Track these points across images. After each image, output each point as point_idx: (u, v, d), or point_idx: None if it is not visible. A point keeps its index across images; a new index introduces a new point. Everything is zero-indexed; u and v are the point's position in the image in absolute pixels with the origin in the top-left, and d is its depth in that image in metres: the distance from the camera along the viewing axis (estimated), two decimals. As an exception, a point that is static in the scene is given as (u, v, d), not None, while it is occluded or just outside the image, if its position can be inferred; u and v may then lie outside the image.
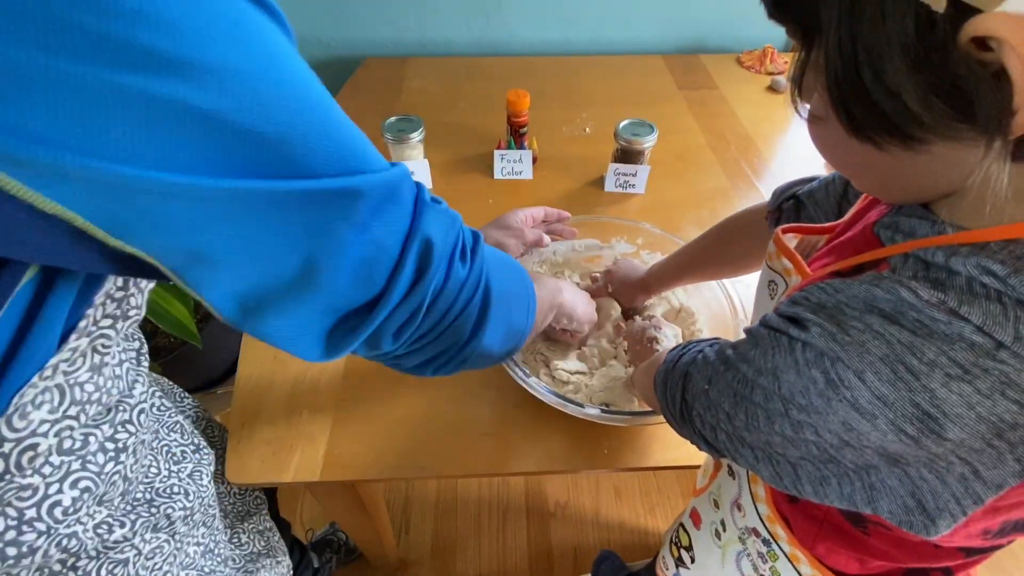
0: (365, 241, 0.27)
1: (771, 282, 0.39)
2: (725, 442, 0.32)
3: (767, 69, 1.35)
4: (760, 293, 0.42)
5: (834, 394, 0.26)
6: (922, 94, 0.22)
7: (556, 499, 1.27)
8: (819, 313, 0.27)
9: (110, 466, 0.35)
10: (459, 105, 1.20)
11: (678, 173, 1.03)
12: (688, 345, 0.40)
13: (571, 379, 0.64)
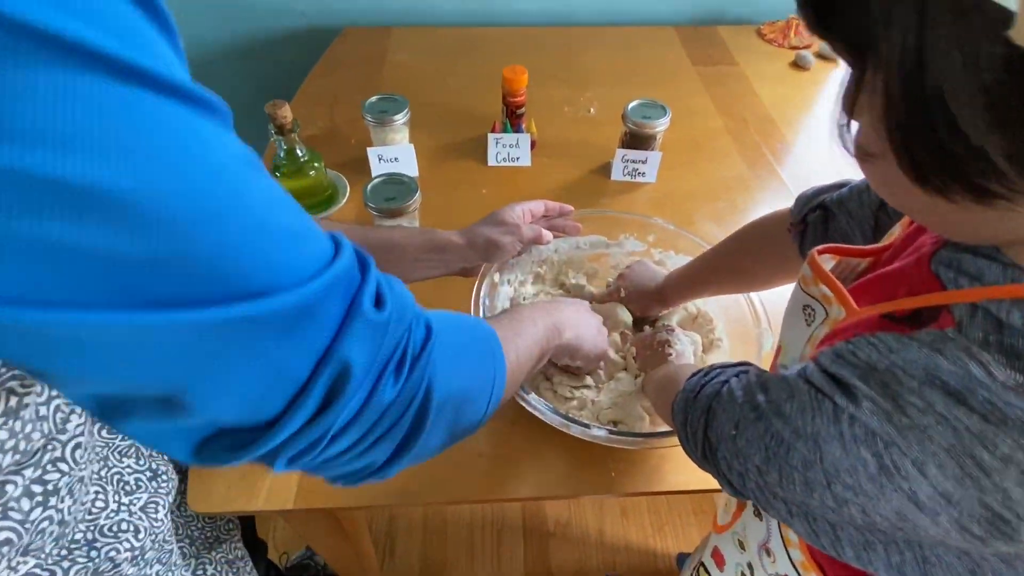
0: (261, 365, 0.25)
1: (807, 307, 0.38)
2: (754, 491, 0.31)
3: (791, 43, 1.34)
4: (792, 316, 0.40)
5: (888, 481, 0.25)
6: (1010, 148, 0.20)
7: (556, 518, 1.28)
8: (870, 380, 0.26)
9: (37, 512, 0.34)
10: (449, 83, 1.18)
11: (693, 160, 1.02)
12: (710, 372, 0.38)
13: (575, 395, 0.63)
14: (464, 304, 0.65)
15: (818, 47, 1.32)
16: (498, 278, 0.69)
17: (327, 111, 1.09)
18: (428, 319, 0.34)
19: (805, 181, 0.99)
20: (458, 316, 0.39)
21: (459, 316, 0.39)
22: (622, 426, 0.60)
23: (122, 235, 0.19)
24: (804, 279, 0.38)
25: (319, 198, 0.86)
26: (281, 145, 0.79)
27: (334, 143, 1.02)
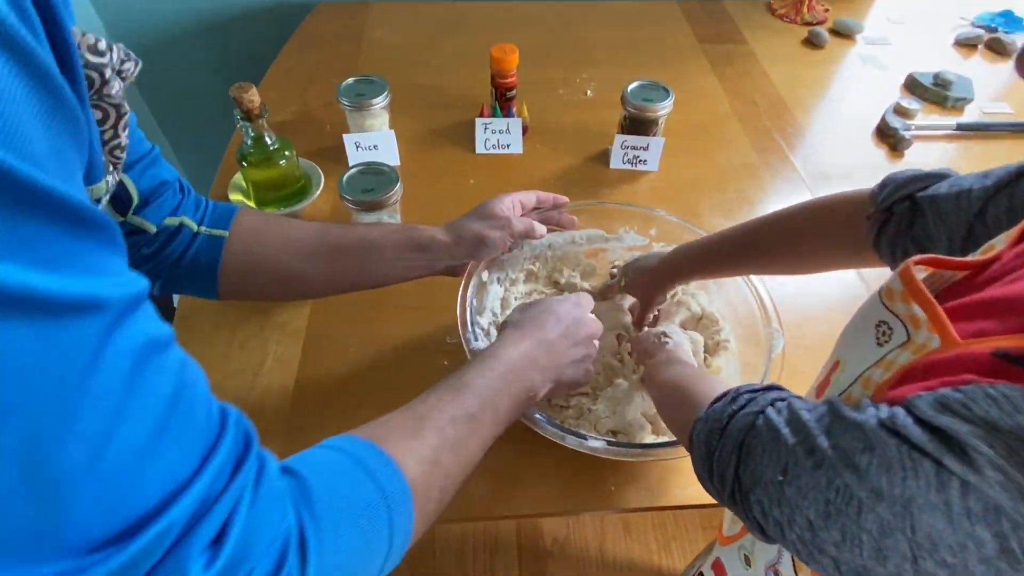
0: None
1: (883, 324, 0.36)
2: (796, 543, 0.30)
3: (804, 18, 1.34)
4: (859, 330, 0.38)
5: (1011, 566, 0.23)
6: None
7: (554, 535, 1.27)
8: (994, 442, 0.23)
9: None
10: (432, 63, 1.17)
11: (698, 146, 1.02)
12: (738, 398, 0.36)
13: (571, 403, 0.63)
14: (450, 305, 0.64)
15: (833, 23, 1.32)
16: (487, 276, 0.69)
17: (299, 95, 1.08)
18: (303, 530, 0.29)
19: (819, 169, 1.00)
20: (351, 497, 0.33)
21: (352, 497, 0.33)
22: (621, 436, 0.60)
23: None
24: (889, 292, 0.35)
25: (290, 190, 0.85)
26: (248, 132, 0.78)
27: (307, 130, 1.01)
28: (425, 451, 0.38)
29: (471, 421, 0.43)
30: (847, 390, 0.36)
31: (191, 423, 0.25)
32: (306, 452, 0.35)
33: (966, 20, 1.38)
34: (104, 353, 0.21)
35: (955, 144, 1.06)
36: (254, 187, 0.83)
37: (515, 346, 0.50)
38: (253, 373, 0.69)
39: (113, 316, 0.21)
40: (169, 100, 1.47)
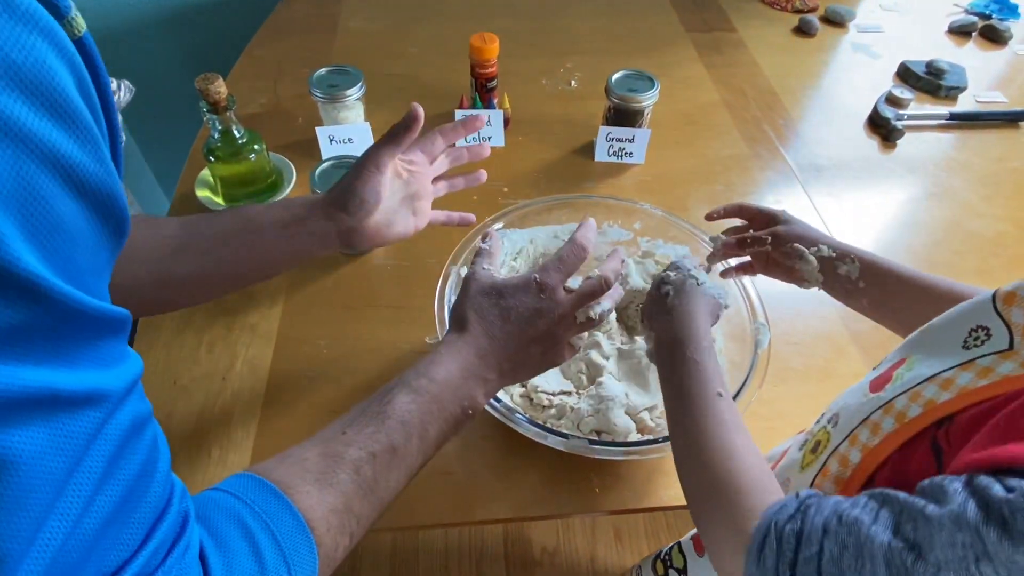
0: None
1: (982, 327, 0.35)
2: None
3: (795, 6, 1.36)
4: (946, 330, 0.38)
5: None
6: None
7: (543, 544, 1.28)
8: None
9: None
10: (409, 52, 1.18)
11: (686, 138, 1.04)
12: (797, 512, 0.34)
13: (553, 402, 0.64)
14: (428, 304, 0.65)
15: (824, 10, 1.35)
16: (464, 272, 0.69)
17: (269, 86, 1.08)
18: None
19: (810, 161, 1.02)
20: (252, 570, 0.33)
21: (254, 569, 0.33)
22: (605, 436, 0.61)
23: None
24: (1010, 297, 0.35)
25: (260, 186, 0.86)
26: (215, 125, 0.78)
27: (278, 122, 1.01)
28: (336, 501, 0.38)
29: (394, 454, 0.42)
30: (916, 388, 0.37)
31: (148, 496, 0.28)
32: (213, 503, 0.35)
33: (960, 7, 1.41)
34: (98, 438, 0.24)
35: (948, 134, 1.09)
36: (222, 183, 0.84)
37: (452, 358, 0.47)
38: (222, 377, 0.70)
39: (113, 404, 0.25)
40: (137, 97, 1.46)
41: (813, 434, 0.45)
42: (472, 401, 0.47)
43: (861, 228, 0.92)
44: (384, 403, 0.44)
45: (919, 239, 0.91)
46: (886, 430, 0.37)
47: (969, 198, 0.97)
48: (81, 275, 0.23)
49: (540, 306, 0.49)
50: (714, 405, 0.44)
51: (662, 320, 0.53)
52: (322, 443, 0.41)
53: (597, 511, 0.63)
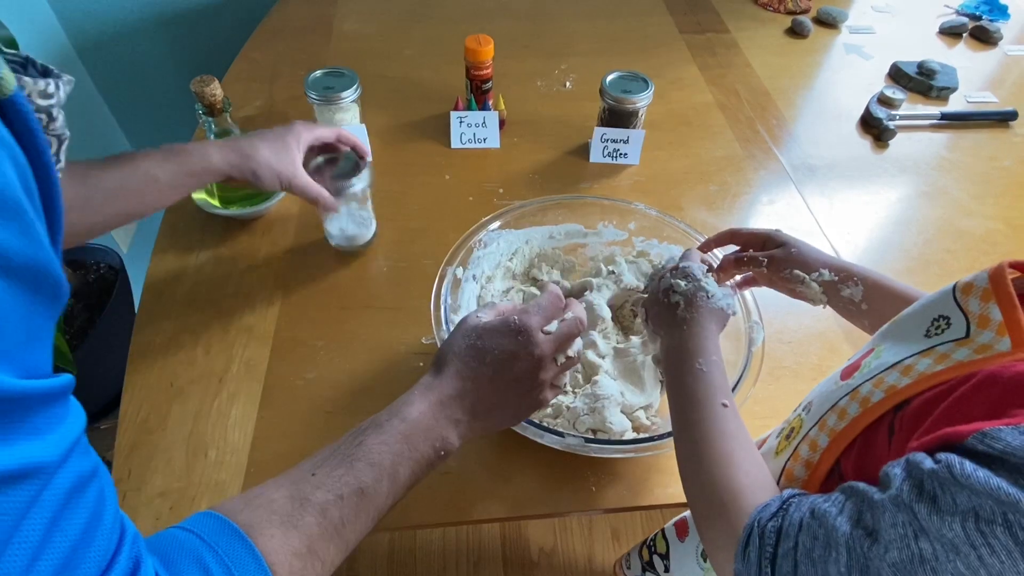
0: None
1: (943, 317, 0.37)
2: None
3: (788, 7, 1.37)
4: (911, 319, 0.39)
5: None
6: None
7: (540, 545, 1.29)
8: None
9: None
10: (404, 54, 1.18)
11: (680, 139, 1.04)
12: (779, 510, 0.36)
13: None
14: (424, 305, 0.66)
15: (817, 12, 1.36)
16: (461, 273, 0.70)
17: (265, 88, 1.08)
18: None
19: (803, 161, 1.03)
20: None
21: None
22: (601, 434, 0.61)
23: None
24: (968, 288, 0.36)
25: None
26: (211, 127, 0.79)
27: (273, 124, 1.00)
28: (300, 544, 0.38)
29: (361, 497, 0.41)
30: (880, 375, 0.38)
31: (94, 548, 0.27)
32: (176, 541, 0.35)
33: (951, 8, 1.42)
34: (35, 506, 0.24)
35: (939, 134, 1.10)
36: (217, 184, 0.84)
37: (425, 398, 0.47)
38: (219, 378, 0.70)
39: (51, 472, 0.25)
40: (129, 96, 1.46)
41: (789, 422, 0.47)
42: (444, 443, 0.47)
43: (854, 227, 0.92)
44: (355, 444, 0.43)
45: (911, 237, 0.92)
46: (851, 415, 0.39)
47: (960, 197, 0.98)
48: (11, 352, 0.23)
49: (517, 349, 0.49)
50: (720, 415, 0.46)
51: (672, 330, 0.54)
52: (290, 484, 0.41)
53: (594, 509, 0.63)
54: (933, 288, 0.39)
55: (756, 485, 0.40)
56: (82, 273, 1.19)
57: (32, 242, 0.24)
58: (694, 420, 0.46)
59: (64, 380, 0.26)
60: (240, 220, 0.86)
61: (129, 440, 0.64)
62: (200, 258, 0.82)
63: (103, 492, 0.29)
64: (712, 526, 0.41)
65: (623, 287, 0.73)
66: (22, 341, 0.24)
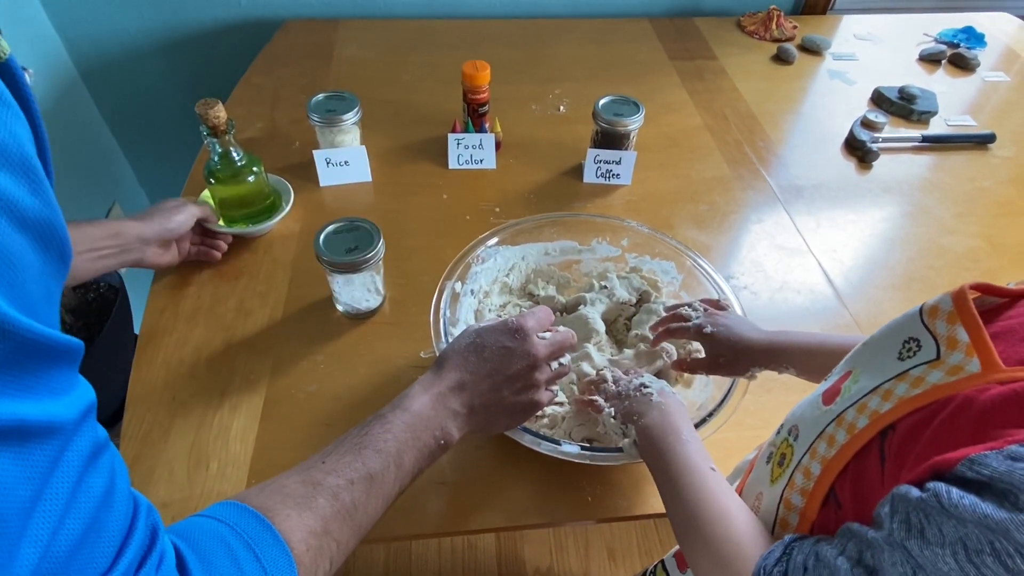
0: None
1: (913, 339, 0.38)
2: None
3: (773, 35, 1.42)
4: (883, 341, 0.40)
5: None
6: None
7: (536, 564, 1.29)
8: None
9: None
10: (403, 79, 1.22)
11: (670, 160, 1.08)
12: (783, 555, 0.38)
13: (545, 411, 0.66)
14: (423, 319, 0.67)
15: (801, 39, 1.41)
16: (460, 288, 0.72)
17: (267, 111, 1.11)
18: None
19: (790, 181, 1.06)
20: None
21: None
22: (596, 443, 0.63)
23: None
24: (933, 310, 0.37)
25: (259, 207, 0.88)
26: (215, 148, 0.81)
27: (275, 146, 1.04)
28: (315, 524, 0.40)
29: (370, 482, 0.44)
30: (862, 400, 0.39)
31: (114, 516, 0.29)
32: (193, 522, 0.37)
33: (929, 36, 1.48)
34: (59, 465, 0.25)
35: (921, 156, 1.14)
36: (221, 204, 0.86)
37: (426, 391, 0.50)
38: (220, 392, 0.71)
39: (70, 432, 0.26)
40: (132, 119, 1.49)
41: (776, 446, 0.48)
42: (444, 432, 0.50)
43: (841, 245, 0.95)
44: (361, 435, 0.46)
45: (896, 255, 0.95)
46: (840, 442, 0.40)
47: (943, 216, 1.02)
48: (34, 305, 0.24)
49: (513, 346, 0.53)
50: (710, 476, 0.48)
51: (647, 411, 0.56)
52: (302, 471, 0.43)
53: (590, 519, 0.64)
54: (919, 303, 0.40)
55: (756, 534, 0.42)
56: (81, 292, 1.20)
57: (44, 201, 0.25)
58: (685, 484, 0.48)
59: (78, 343, 0.27)
60: (243, 238, 0.88)
61: (132, 453, 0.65)
62: (203, 275, 0.83)
63: (115, 461, 0.30)
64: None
65: (616, 301, 0.76)
66: (43, 297, 0.25)
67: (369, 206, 0.96)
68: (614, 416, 0.58)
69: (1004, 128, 1.19)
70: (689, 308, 0.68)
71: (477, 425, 0.53)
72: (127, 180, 1.57)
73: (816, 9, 1.54)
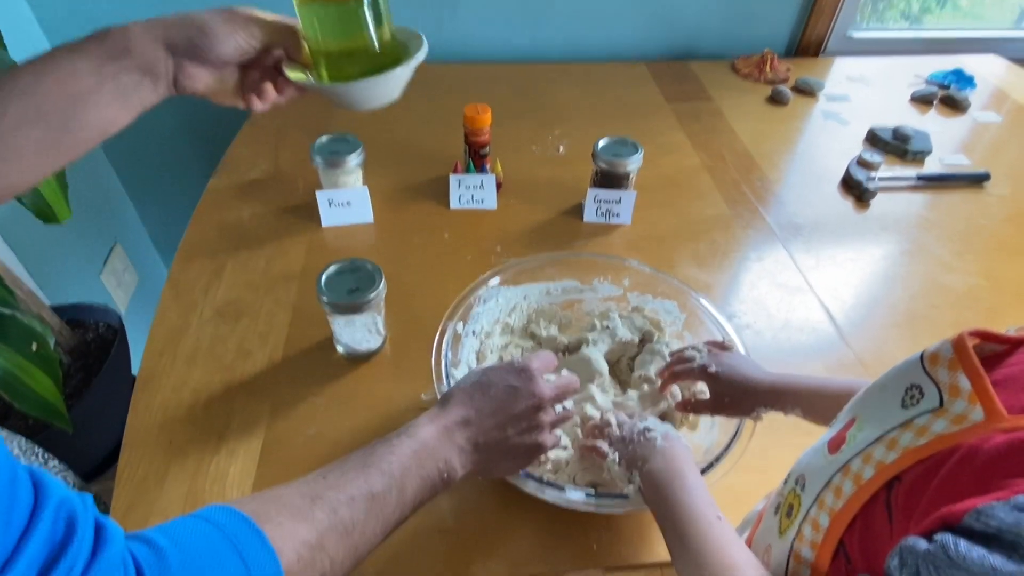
0: None
1: (915, 386, 0.37)
2: None
3: (767, 77, 1.45)
4: (885, 390, 0.40)
5: None
6: None
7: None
8: None
9: None
10: (406, 121, 1.24)
11: (670, 199, 1.09)
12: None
13: (548, 456, 0.65)
14: (424, 361, 0.67)
15: (795, 81, 1.44)
16: (461, 329, 0.71)
17: (270, 153, 1.13)
18: None
19: (789, 220, 1.07)
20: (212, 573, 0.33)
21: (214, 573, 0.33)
22: (601, 489, 0.61)
23: None
24: (934, 358, 0.37)
25: (368, 48, 0.62)
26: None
27: (278, 186, 1.05)
28: (309, 536, 0.38)
29: (372, 501, 0.42)
30: (867, 449, 0.39)
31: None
32: (176, 520, 0.35)
33: (920, 78, 1.51)
34: None
35: (918, 194, 1.15)
36: (320, 31, 0.57)
37: (432, 422, 0.50)
38: (218, 435, 0.70)
39: None
40: (134, 160, 1.51)
41: (784, 496, 0.47)
42: (448, 465, 0.49)
43: (841, 283, 0.95)
44: (365, 455, 0.46)
45: (897, 293, 0.95)
46: (847, 493, 0.39)
47: (942, 254, 1.02)
48: None
49: (519, 385, 0.53)
50: (717, 526, 0.47)
51: (651, 456, 0.55)
52: (301, 484, 0.42)
53: (596, 567, 0.62)
54: (921, 344, 0.40)
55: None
56: (80, 332, 1.20)
57: None
58: (692, 534, 0.47)
59: None
60: (351, 109, 0.65)
61: (126, 500, 0.63)
62: (203, 315, 0.83)
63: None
64: None
65: (618, 341, 0.75)
66: None
67: (371, 246, 0.96)
68: (619, 462, 0.57)
69: (998, 167, 1.20)
70: (693, 350, 0.67)
71: (480, 465, 0.52)
72: (129, 219, 1.59)
73: (808, 52, 1.58)
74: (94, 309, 1.22)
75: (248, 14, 0.53)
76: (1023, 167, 1.23)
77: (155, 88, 0.51)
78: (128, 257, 1.53)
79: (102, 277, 1.42)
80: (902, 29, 1.68)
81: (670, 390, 0.69)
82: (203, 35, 0.50)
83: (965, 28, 1.71)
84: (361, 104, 0.62)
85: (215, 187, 1.04)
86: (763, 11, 1.50)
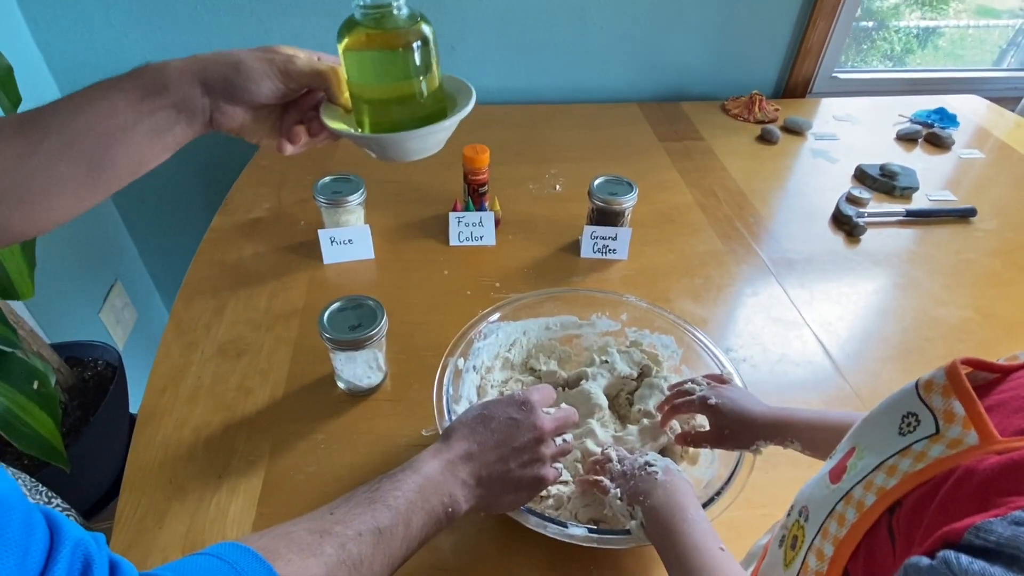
0: None
1: (911, 414, 0.39)
2: None
3: (756, 117, 1.50)
4: (882, 418, 0.41)
5: None
6: None
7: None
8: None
9: None
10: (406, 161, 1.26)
11: (665, 236, 1.11)
12: None
13: (550, 491, 0.65)
14: (425, 396, 0.68)
15: (783, 121, 1.49)
16: (462, 364, 0.72)
17: (273, 192, 1.15)
18: None
19: (781, 255, 1.09)
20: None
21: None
22: (603, 525, 0.61)
23: None
24: (928, 385, 0.38)
25: (416, 99, 0.58)
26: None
27: (281, 226, 1.07)
28: (319, 571, 0.38)
29: (379, 536, 0.43)
30: (868, 477, 0.39)
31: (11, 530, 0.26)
32: (188, 558, 0.35)
33: (904, 117, 1.56)
34: None
35: (907, 229, 1.18)
36: (361, 76, 0.54)
37: (435, 457, 0.51)
38: (218, 474, 0.70)
39: None
40: (136, 198, 1.53)
41: (788, 528, 0.47)
42: (452, 500, 0.49)
43: (835, 317, 0.97)
44: (371, 491, 0.46)
45: (890, 327, 0.96)
46: (850, 520, 0.39)
47: (932, 288, 1.04)
48: None
49: (520, 418, 0.55)
50: (720, 558, 0.47)
51: (653, 491, 0.56)
52: (309, 520, 0.43)
53: (598, 606, 0.62)
54: (916, 376, 0.41)
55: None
56: (79, 370, 1.20)
57: None
58: (696, 566, 0.47)
59: None
60: (390, 161, 0.62)
61: (126, 539, 0.63)
62: (205, 353, 0.84)
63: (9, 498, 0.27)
64: None
65: (617, 375, 0.76)
66: None
67: (372, 283, 0.98)
68: (620, 497, 0.57)
69: (984, 202, 1.24)
70: (692, 383, 0.68)
71: (483, 500, 0.52)
72: (130, 256, 1.60)
73: (796, 93, 1.63)
74: (93, 347, 1.22)
75: (288, 55, 0.52)
76: (1008, 202, 1.27)
77: (190, 125, 0.50)
78: (127, 294, 1.54)
79: (100, 315, 1.42)
80: (886, 70, 1.74)
81: (670, 424, 0.70)
82: (239, 75, 0.49)
83: (946, 69, 1.77)
84: (402, 156, 0.59)
85: (218, 226, 1.06)
86: (751, 54, 1.56)
